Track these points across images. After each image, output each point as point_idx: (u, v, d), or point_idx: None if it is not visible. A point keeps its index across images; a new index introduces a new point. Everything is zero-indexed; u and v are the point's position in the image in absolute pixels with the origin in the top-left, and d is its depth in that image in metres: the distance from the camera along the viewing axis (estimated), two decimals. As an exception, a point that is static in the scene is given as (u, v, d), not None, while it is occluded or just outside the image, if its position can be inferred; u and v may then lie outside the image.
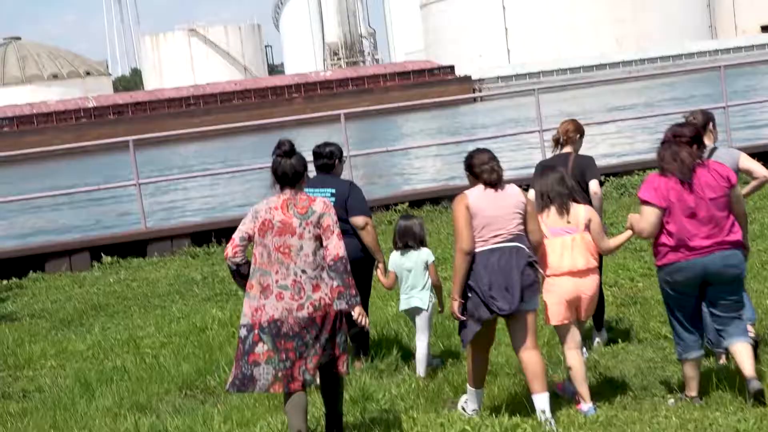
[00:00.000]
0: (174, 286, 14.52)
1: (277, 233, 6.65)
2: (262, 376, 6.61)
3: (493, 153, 7.29)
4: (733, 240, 7.09)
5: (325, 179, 9.02)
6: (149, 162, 51.31)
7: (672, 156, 7.09)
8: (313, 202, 6.75)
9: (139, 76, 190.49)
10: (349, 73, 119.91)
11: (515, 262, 6.99)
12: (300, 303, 6.57)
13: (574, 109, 56.89)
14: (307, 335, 6.59)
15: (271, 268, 6.63)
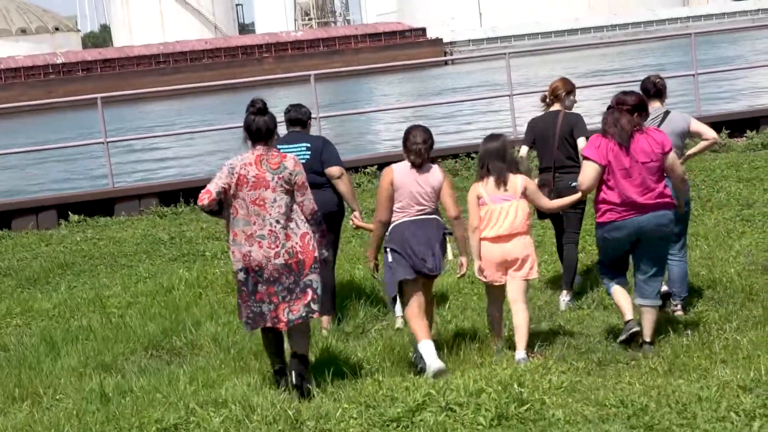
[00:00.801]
0: (141, 245, 14.47)
1: (252, 187, 7.24)
2: (268, 311, 7.32)
3: (428, 133, 7.89)
4: (665, 202, 7.77)
5: (299, 136, 9.47)
6: (118, 120, 50.95)
7: (613, 121, 7.75)
8: (285, 159, 7.34)
9: (108, 32, 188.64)
10: (320, 33, 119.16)
11: (434, 233, 7.86)
12: (276, 251, 7.24)
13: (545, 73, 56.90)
14: (286, 280, 7.27)
15: (250, 219, 7.26)
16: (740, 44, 67.20)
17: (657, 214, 7.75)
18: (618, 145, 7.71)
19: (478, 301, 9.52)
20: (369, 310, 9.57)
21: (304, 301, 7.34)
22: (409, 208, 7.86)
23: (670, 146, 7.83)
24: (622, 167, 7.70)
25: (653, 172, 7.72)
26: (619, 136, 7.71)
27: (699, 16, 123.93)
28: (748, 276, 9.30)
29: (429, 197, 7.87)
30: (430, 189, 7.86)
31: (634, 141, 7.72)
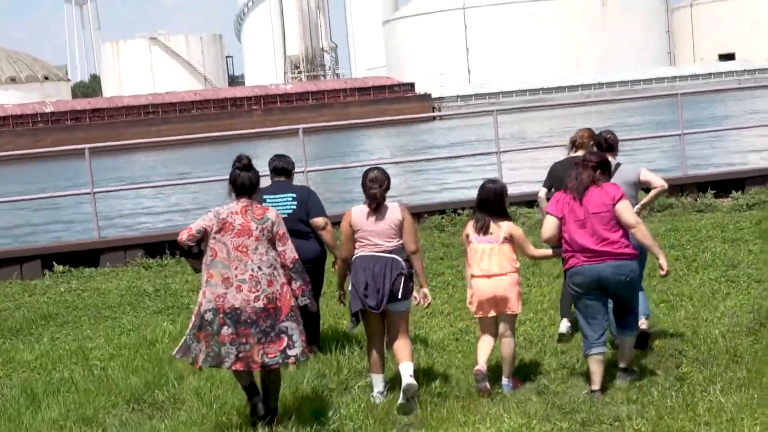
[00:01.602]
0: (125, 297, 14.41)
1: (237, 234, 7.71)
2: (229, 355, 7.66)
3: (384, 177, 8.45)
4: (621, 252, 8.24)
5: (284, 186, 9.92)
6: (106, 170, 50.98)
7: (575, 176, 8.39)
8: (267, 211, 7.88)
9: (98, 82, 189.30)
10: (310, 86, 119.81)
11: (388, 271, 8.35)
12: (256, 295, 7.66)
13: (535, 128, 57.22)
14: (263, 323, 7.66)
15: (230, 263, 7.68)
16: (726, 104, 67.69)
17: (614, 264, 8.24)
18: (573, 198, 8.30)
19: (462, 359, 9.50)
20: (353, 366, 9.53)
21: (279, 347, 7.71)
22: (366, 245, 8.47)
23: (620, 197, 8.28)
24: (576, 218, 8.29)
25: (605, 221, 8.24)
26: (575, 189, 8.31)
27: (686, 75, 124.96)
28: (732, 337, 9.30)
29: (386, 235, 8.43)
30: (388, 228, 8.42)
31: (588, 194, 8.28)
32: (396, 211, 8.45)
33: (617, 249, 8.23)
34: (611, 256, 8.22)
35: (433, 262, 14.58)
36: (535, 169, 34.13)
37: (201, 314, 7.71)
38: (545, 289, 12.30)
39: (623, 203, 8.28)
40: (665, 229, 15.63)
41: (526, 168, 33.99)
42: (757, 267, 12.52)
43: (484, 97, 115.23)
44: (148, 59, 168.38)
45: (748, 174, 19.93)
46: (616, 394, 8.19)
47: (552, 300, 11.67)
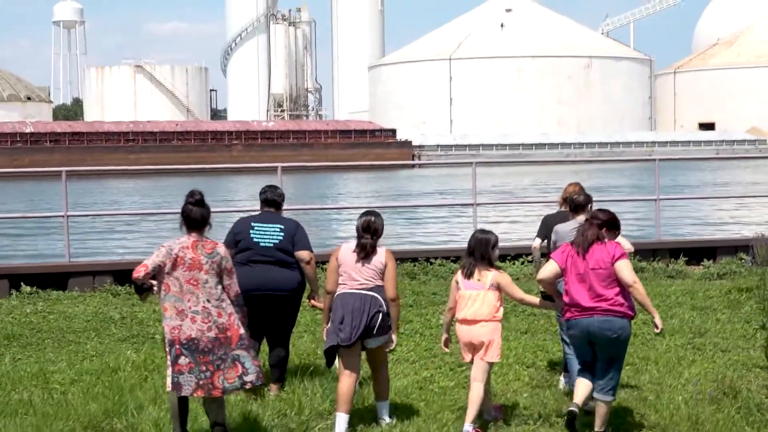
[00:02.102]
0: (91, 323, 14.33)
1: (188, 268, 8.09)
2: (187, 383, 8.05)
3: (378, 225, 8.87)
4: (610, 308, 8.45)
5: (273, 216, 10.29)
6: (82, 194, 50.79)
7: (581, 231, 8.68)
8: (217, 246, 8.26)
9: (80, 106, 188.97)
10: (291, 125, 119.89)
11: (367, 308, 8.72)
12: (209, 325, 8.07)
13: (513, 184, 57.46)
14: (219, 351, 8.08)
15: (183, 296, 8.07)
16: (704, 173, 68.18)
17: (601, 319, 8.46)
18: (577, 252, 8.57)
19: (425, 407, 9.48)
20: (315, 407, 9.49)
21: (236, 373, 8.14)
22: (348, 282, 8.86)
23: (620, 256, 8.51)
24: (577, 272, 8.56)
25: (602, 278, 8.48)
26: (579, 244, 8.60)
27: (665, 141, 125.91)
28: (695, 405, 9.32)
29: (369, 276, 8.83)
30: (371, 269, 8.84)
31: (592, 250, 8.54)
32: (381, 256, 8.85)
33: (608, 305, 8.45)
34: (601, 311, 8.46)
35: (402, 309, 14.52)
36: (512, 224, 34.33)
37: (168, 346, 8.13)
38: (512, 344, 12.29)
39: (622, 262, 8.50)
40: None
41: (504, 222, 34.09)
42: (723, 336, 12.58)
43: (464, 148, 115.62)
44: (131, 87, 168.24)
45: (721, 243, 20.08)
46: (576, 453, 8.18)
47: (518, 355, 11.67)
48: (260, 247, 10.09)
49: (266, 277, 10.03)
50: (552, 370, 11.03)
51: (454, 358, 11.61)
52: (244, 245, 10.12)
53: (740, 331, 12.91)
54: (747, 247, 18.50)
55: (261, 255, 10.08)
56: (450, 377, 10.79)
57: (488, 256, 8.95)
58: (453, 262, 18.56)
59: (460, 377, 10.76)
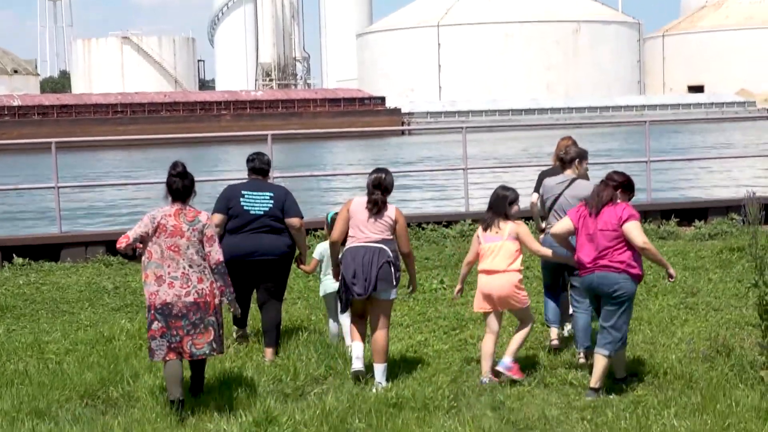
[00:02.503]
0: (84, 293, 14.34)
1: (170, 235, 8.37)
2: (159, 348, 8.35)
3: (387, 181, 9.22)
4: (609, 264, 8.73)
5: (262, 184, 10.49)
6: (71, 166, 50.62)
7: (596, 192, 8.90)
8: (199, 214, 8.51)
9: (67, 79, 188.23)
10: (280, 94, 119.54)
11: (376, 260, 9.05)
12: (187, 290, 8.32)
13: (503, 150, 57.45)
14: (193, 316, 8.33)
15: (163, 262, 8.35)
16: (694, 135, 68.20)
17: (601, 275, 8.76)
18: (589, 213, 8.84)
19: (420, 371, 9.52)
20: (310, 373, 9.52)
21: (207, 339, 8.41)
22: (357, 236, 9.19)
23: (628, 218, 8.72)
24: (587, 232, 8.85)
25: (609, 239, 8.71)
26: (592, 205, 8.86)
27: (654, 105, 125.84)
28: (688, 363, 9.36)
29: (378, 230, 9.15)
30: (381, 225, 9.16)
31: (603, 211, 8.79)
32: (391, 212, 9.20)
33: (607, 261, 8.73)
34: (600, 267, 8.75)
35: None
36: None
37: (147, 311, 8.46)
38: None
39: (631, 224, 8.72)
40: (627, 253, 15.71)
41: (493, 185, 34.10)
42: (716, 295, 12.64)
43: (453, 115, 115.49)
44: (119, 58, 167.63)
45: (712, 204, 20.12)
46: (571, 413, 8.22)
47: (511, 317, 11.68)
48: (251, 215, 10.27)
49: (257, 243, 10.23)
50: (546, 331, 11.06)
51: (448, 321, 11.65)
52: (234, 213, 10.30)
53: (732, 290, 12.97)
54: (738, 207, 18.46)
55: (252, 222, 10.27)
56: (444, 341, 10.83)
57: (505, 211, 9.32)
58: (445, 227, 18.59)
59: (454, 340, 10.80)
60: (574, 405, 8.40)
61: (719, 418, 7.81)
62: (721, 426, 7.66)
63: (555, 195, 10.13)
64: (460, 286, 9.76)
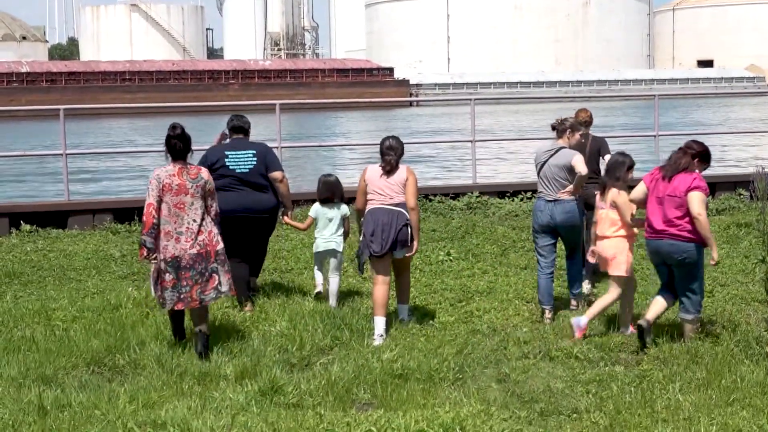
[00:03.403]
0: (91, 260, 14.36)
1: (175, 193, 9.02)
2: (170, 298, 9.08)
3: (399, 145, 9.98)
4: (678, 233, 9.11)
5: (245, 143, 11.19)
6: (78, 133, 50.67)
7: (673, 159, 9.26)
8: (201, 171, 9.22)
9: (76, 46, 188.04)
10: (288, 64, 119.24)
11: (394, 221, 9.78)
12: (191, 243, 9.04)
13: (507, 123, 57.33)
14: (199, 266, 9.07)
15: (170, 218, 9.01)
16: (702, 110, 67.99)
17: (668, 242, 9.18)
18: (662, 176, 9.24)
19: (426, 342, 9.53)
20: (316, 343, 9.54)
21: (212, 285, 9.16)
22: (376, 199, 9.89)
23: (695, 187, 9.07)
24: (657, 195, 9.27)
25: (676, 205, 9.12)
26: (665, 169, 9.27)
27: (663, 79, 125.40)
28: (693, 338, 9.36)
29: (393, 191, 9.85)
30: (395, 185, 9.86)
31: (675, 178, 9.16)
32: (403, 172, 9.92)
33: (676, 230, 9.13)
34: (669, 235, 9.16)
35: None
36: (510, 162, 34.32)
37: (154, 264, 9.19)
38: (512, 279, 12.35)
39: (694, 193, 9.05)
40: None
41: (500, 160, 34.07)
42: (722, 271, 12.61)
43: (461, 87, 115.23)
44: (127, 26, 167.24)
45: (719, 179, 20.05)
46: (575, 386, 8.23)
47: (518, 290, 11.72)
48: (237, 173, 10.99)
49: (246, 200, 10.97)
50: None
51: (454, 293, 11.67)
52: (221, 173, 10.90)
53: (739, 265, 12.97)
54: (746, 183, 18.50)
55: (238, 180, 10.99)
56: (450, 313, 10.84)
57: (618, 176, 9.83)
58: (452, 199, 18.58)
59: (460, 312, 10.82)
60: (579, 378, 8.40)
61: (724, 393, 7.82)
62: (725, 401, 7.68)
63: (541, 162, 10.57)
64: (593, 246, 10.16)
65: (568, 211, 10.44)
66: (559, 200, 10.40)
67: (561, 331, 9.92)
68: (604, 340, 9.47)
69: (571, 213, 10.46)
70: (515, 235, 15.38)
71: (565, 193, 10.42)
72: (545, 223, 10.52)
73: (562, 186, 10.42)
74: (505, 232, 15.66)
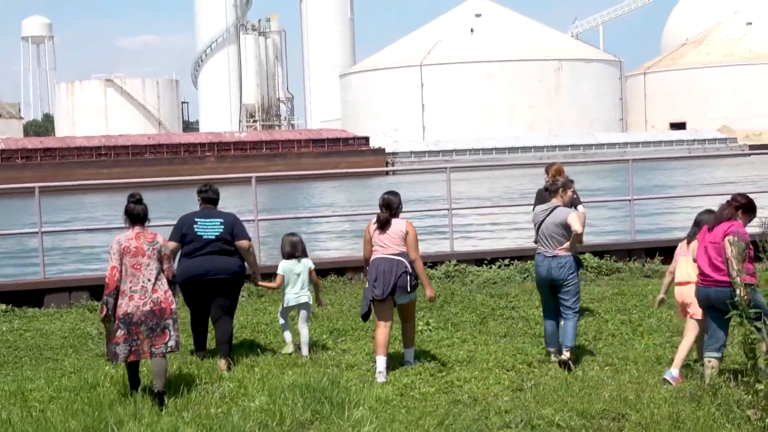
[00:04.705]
0: (68, 339, 14.24)
1: (132, 255, 10.04)
2: (121, 352, 10.04)
3: (395, 202, 11.16)
4: (723, 280, 9.65)
5: (213, 212, 11.94)
6: (56, 209, 50.52)
7: (719, 209, 9.93)
8: (156, 236, 10.21)
9: (51, 122, 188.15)
10: (264, 135, 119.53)
11: (394, 268, 10.92)
12: (144, 301, 10.01)
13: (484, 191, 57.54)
14: (151, 322, 10.00)
15: (127, 278, 10.02)
16: (676, 172, 68.46)
17: (717, 290, 9.74)
18: (708, 228, 9.95)
19: (406, 414, 9.47)
20: (296, 417, 9.45)
21: (163, 340, 10.07)
22: (379, 249, 11.04)
23: (728, 233, 9.63)
24: (703, 244, 9.93)
25: (718, 251, 9.73)
26: (713, 221, 9.95)
27: (637, 142, 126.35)
28: (675, 403, 9.35)
29: (393, 243, 10.97)
30: (396, 238, 10.99)
31: (719, 226, 9.80)
32: (402, 225, 11.07)
33: (720, 276, 9.70)
34: (717, 282, 9.74)
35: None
36: (488, 230, 34.37)
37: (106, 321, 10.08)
38: (491, 348, 12.31)
39: (728, 237, 9.59)
40: (612, 292, 15.74)
41: (477, 227, 34.11)
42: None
43: (437, 154, 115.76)
44: (102, 101, 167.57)
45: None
46: (558, 455, 8.18)
47: (498, 358, 11.69)
48: (204, 239, 11.73)
49: (211, 264, 11.67)
50: (531, 372, 11.05)
51: (434, 363, 11.62)
52: (189, 239, 11.75)
53: (718, 328, 12.94)
54: (722, 245, 18.56)
55: (205, 246, 11.73)
56: (430, 383, 10.78)
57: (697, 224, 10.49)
58: (430, 267, 18.55)
59: (441, 383, 10.76)
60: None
61: (707, 459, 7.78)
62: (709, 467, 7.63)
63: (539, 221, 11.50)
64: (662, 296, 11.13)
65: (563, 266, 11.29)
66: (557, 256, 11.31)
67: (542, 398, 9.87)
68: (585, 406, 9.43)
69: (567, 267, 11.31)
70: (494, 303, 15.37)
71: (562, 249, 11.32)
72: (544, 276, 11.44)
73: (559, 243, 11.32)
74: (484, 300, 15.65)
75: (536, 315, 14.01)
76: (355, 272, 18.15)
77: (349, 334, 13.38)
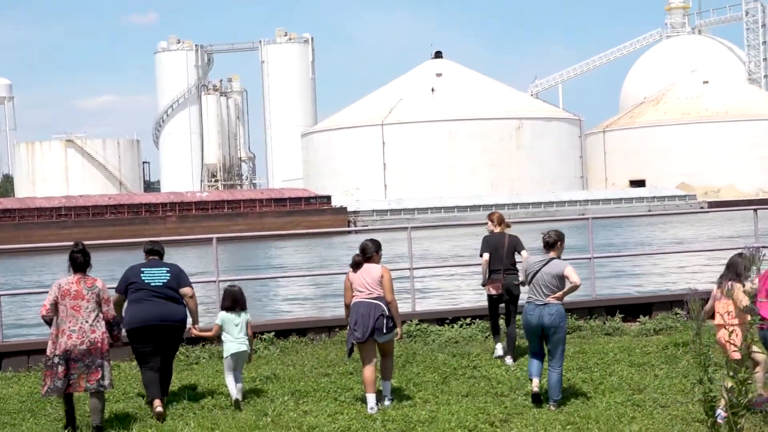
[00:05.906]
0: (26, 403, 14.04)
1: (72, 297, 11.09)
2: (61, 384, 11.02)
3: (371, 247, 12.17)
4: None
5: (159, 263, 12.73)
6: (14, 270, 50.10)
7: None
8: (95, 281, 11.31)
9: (10, 183, 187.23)
10: (225, 195, 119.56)
11: (372, 312, 11.95)
12: (82, 340, 11.03)
13: (446, 248, 57.65)
14: (87, 359, 11.05)
15: (66, 319, 11.07)
16: (636, 229, 68.92)
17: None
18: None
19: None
20: None
21: (96, 377, 11.08)
22: (359, 293, 12.07)
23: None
24: (764, 290, 10.75)
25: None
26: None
27: (597, 200, 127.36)
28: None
29: (371, 287, 12.00)
30: (371, 281, 12.02)
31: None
32: (377, 270, 12.10)
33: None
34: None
35: (342, 377, 14.50)
36: (448, 290, 34.37)
37: (47, 359, 11.15)
38: (454, 408, 12.27)
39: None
40: (573, 351, 15.75)
41: (438, 286, 34.11)
42: (662, 392, 12.65)
43: (399, 213, 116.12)
44: (63, 162, 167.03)
45: (656, 299, 20.22)
46: None
47: (460, 418, 11.65)
48: (152, 286, 12.39)
49: (161, 310, 12.30)
50: (494, 431, 11.02)
51: (396, 424, 11.58)
52: (137, 287, 12.41)
53: (678, 385, 13.00)
54: (681, 302, 18.65)
55: (153, 292, 12.36)
56: (392, 444, 10.72)
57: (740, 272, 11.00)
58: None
59: (403, 444, 10.69)
60: None
61: None
62: None
63: (534, 271, 12.16)
64: None
65: (553, 313, 11.97)
66: (548, 304, 11.99)
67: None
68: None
69: (557, 315, 11.99)
70: (456, 363, 15.33)
71: (554, 298, 12.00)
72: (535, 324, 12.04)
73: (552, 292, 12.01)
74: (446, 360, 15.61)
75: (498, 374, 14.00)
76: (317, 333, 18.09)
77: (311, 395, 13.28)
